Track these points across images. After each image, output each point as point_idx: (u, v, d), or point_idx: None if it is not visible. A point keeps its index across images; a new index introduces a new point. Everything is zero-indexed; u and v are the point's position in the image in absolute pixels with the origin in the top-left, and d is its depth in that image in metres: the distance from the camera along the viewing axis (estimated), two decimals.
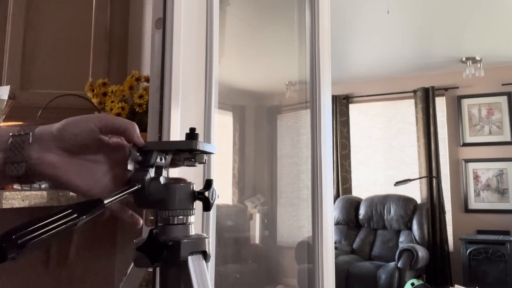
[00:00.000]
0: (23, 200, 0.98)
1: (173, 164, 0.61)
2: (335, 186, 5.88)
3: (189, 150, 0.58)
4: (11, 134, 0.54)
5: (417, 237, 5.03)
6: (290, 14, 2.20)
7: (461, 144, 5.51)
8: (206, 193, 0.59)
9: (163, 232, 0.57)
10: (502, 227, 5.12)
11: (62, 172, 0.55)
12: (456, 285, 3.75)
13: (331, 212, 1.75)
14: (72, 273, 1.39)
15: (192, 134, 0.57)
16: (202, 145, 0.57)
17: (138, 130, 0.57)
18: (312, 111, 1.75)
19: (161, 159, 0.58)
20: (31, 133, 0.54)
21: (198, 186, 0.60)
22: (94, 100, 1.49)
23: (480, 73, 4.98)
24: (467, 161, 5.45)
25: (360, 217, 5.47)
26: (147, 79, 1.44)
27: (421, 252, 4.70)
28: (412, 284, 4.38)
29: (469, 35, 4.52)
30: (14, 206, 0.96)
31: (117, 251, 1.51)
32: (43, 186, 1.12)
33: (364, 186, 5.95)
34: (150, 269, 0.99)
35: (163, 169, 0.59)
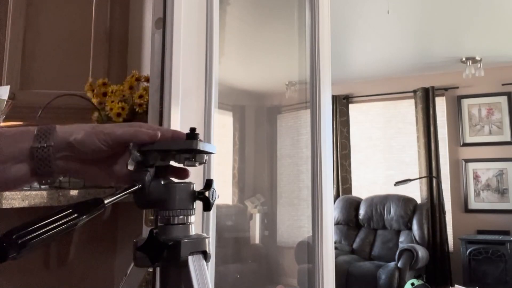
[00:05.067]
0: (23, 200, 0.98)
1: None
2: (335, 186, 5.88)
3: (189, 150, 0.58)
4: (31, 146, 0.57)
5: (417, 237, 5.03)
6: (290, 14, 2.19)
7: (461, 144, 5.51)
8: (206, 193, 0.59)
9: (163, 232, 0.57)
10: (502, 227, 5.11)
11: (85, 175, 0.62)
12: (456, 285, 3.75)
13: (331, 212, 1.75)
14: (72, 273, 1.39)
15: (192, 134, 0.57)
16: (202, 145, 0.57)
17: (144, 129, 0.59)
18: (312, 111, 1.75)
19: (161, 159, 0.58)
20: (52, 146, 0.57)
21: (198, 186, 0.60)
22: (94, 100, 1.49)
23: (480, 73, 4.98)
24: (467, 161, 5.45)
25: (360, 217, 5.46)
26: (147, 79, 1.44)
27: (421, 252, 4.70)
28: (412, 284, 4.37)
29: (469, 35, 4.52)
30: (14, 206, 0.96)
31: (117, 251, 1.51)
32: (42, 186, 1.12)
33: (364, 186, 5.95)
34: (150, 269, 0.99)
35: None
